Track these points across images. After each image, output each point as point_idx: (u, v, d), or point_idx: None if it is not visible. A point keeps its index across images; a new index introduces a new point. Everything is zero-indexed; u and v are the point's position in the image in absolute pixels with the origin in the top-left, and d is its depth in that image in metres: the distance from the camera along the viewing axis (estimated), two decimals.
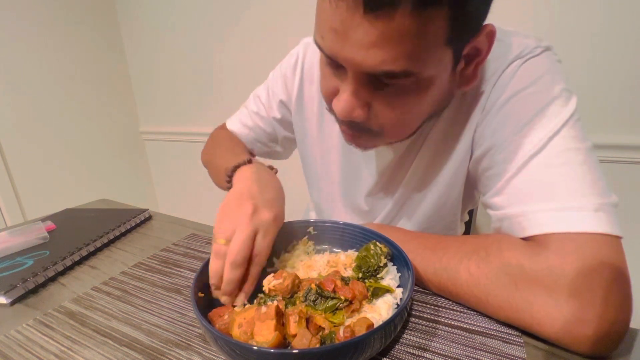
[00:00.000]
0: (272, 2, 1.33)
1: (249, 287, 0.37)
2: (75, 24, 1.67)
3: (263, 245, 0.37)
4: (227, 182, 0.47)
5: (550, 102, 0.38)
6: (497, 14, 0.36)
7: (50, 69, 1.60)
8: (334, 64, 0.37)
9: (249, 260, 0.36)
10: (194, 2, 1.53)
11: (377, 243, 0.40)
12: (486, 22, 0.35)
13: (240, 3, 1.41)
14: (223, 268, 0.36)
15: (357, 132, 0.42)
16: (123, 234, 0.62)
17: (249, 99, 0.69)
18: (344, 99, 0.37)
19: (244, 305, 0.36)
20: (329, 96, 0.41)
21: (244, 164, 0.47)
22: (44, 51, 1.57)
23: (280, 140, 0.68)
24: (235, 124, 0.69)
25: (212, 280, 0.36)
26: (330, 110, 0.43)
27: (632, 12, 0.83)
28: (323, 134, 0.60)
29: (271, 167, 0.49)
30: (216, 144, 0.68)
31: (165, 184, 2.13)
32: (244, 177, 0.44)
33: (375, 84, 0.36)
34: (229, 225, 0.37)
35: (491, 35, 0.36)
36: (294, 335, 0.30)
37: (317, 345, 0.29)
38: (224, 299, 0.36)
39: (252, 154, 0.68)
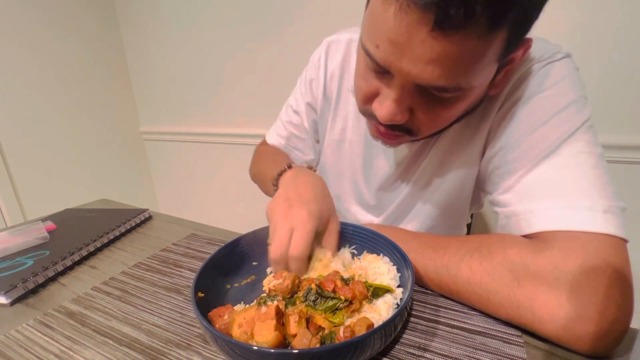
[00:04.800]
0: (272, 2, 1.33)
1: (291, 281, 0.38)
2: (75, 23, 1.67)
3: (296, 240, 0.38)
4: (274, 191, 0.48)
5: (567, 106, 0.39)
6: None
7: (50, 69, 1.60)
8: (379, 70, 0.37)
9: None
10: (193, 2, 1.53)
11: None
12: None
13: (240, 3, 1.41)
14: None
15: (392, 131, 0.42)
16: (123, 234, 0.62)
17: (282, 109, 0.71)
18: (388, 105, 0.37)
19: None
20: (367, 96, 0.41)
21: (285, 170, 0.48)
22: (44, 51, 1.57)
23: (312, 144, 0.69)
24: (273, 137, 0.72)
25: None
26: (364, 110, 0.44)
27: (632, 12, 0.83)
28: (335, 128, 0.61)
29: (310, 167, 0.51)
30: (260, 159, 0.71)
31: (165, 184, 2.13)
32: (284, 183, 0.46)
33: (420, 92, 0.36)
34: (271, 229, 0.40)
35: (528, 47, 0.37)
36: (294, 335, 0.30)
37: (317, 345, 0.29)
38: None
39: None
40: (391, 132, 0.42)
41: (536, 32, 0.39)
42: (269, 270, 0.44)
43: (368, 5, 0.36)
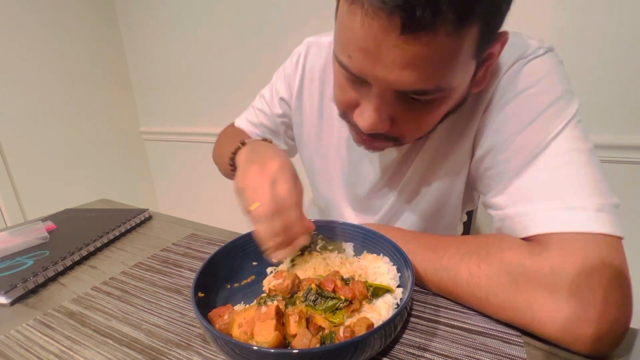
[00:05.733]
0: (272, 2, 1.33)
1: (296, 232, 0.38)
2: (75, 24, 1.67)
3: (284, 189, 0.37)
4: (231, 170, 0.48)
5: (553, 102, 0.38)
6: None
7: (50, 69, 1.60)
8: (357, 80, 0.36)
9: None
10: (194, 2, 1.53)
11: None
12: None
13: (240, 3, 1.41)
14: (266, 229, 0.36)
15: (375, 138, 0.42)
16: (123, 234, 0.62)
17: (256, 98, 0.71)
18: (369, 116, 0.37)
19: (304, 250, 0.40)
20: (347, 107, 0.41)
21: (239, 147, 0.48)
22: (44, 51, 1.57)
23: (284, 139, 0.69)
24: (242, 122, 0.71)
25: (265, 244, 0.37)
26: (345, 117, 0.44)
27: (632, 12, 0.83)
28: (321, 132, 0.61)
29: (265, 139, 0.50)
30: (222, 140, 0.70)
31: (165, 184, 2.13)
32: (242, 158, 0.45)
33: (400, 98, 0.36)
34: (249, 193, 0.38)
35: (505, 41, 0.36)
36: (294, 335, 0.30)
37: (317, 345, 0.29)
38: (282, 253, 0.38)
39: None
40: (374, 140, 0.42)
41: (535, 32, 0.39)
42: (269, 270, 0.44)
43: (336, 15, 0.36)
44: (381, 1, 0.28)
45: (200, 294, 0.35)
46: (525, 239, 0.36)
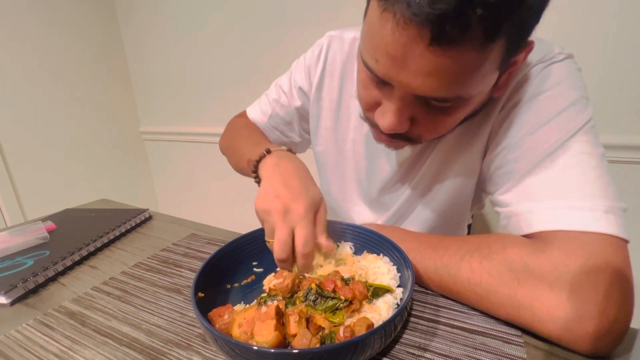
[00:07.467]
0: (274, 3, 1.33)
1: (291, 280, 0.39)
2: (75, 23, 1.67)
3: (300, 238, 0.37)
4: (253, 174, 0.48)
5: (568, 106, 0.39)
6: None
7: (51, 69, 1.60)
8: (380, 81, 0.37)
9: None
10: (194, 2, 1.53)
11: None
12: None
13: (240, 3, 1.41)
14: (280, 265, 0.39)
15: (394, 138, 0.42)
16: (123, 234, 0.62)
17: (271, 87, 0.69)
18: (390, 117, 0.38)
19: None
20: (369, 105, 0.42)
21: (264, 155, 0.47)
22: (44, 51, 1.57)
23: (298, 130, 0.68)
24: (255, 112, 0.70)
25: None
26: (366, 116, 0.44)
27: (632, 11, 0.83)
28: (338, 127, 0.61)
29: (290, 150, 0.49)
30: (235, 132, 0.69)
31: (165, 184, 2.13)
32: (267, 172, 0.45)
33: (421, 102, 0.37)
34: (268, 225, 0.39)
35: (530, 50, 0.37)
36: (294, 335, 0.30)
37: (317, 345, 0.29)
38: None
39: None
40: (394, 139, 0.43)
41: (537, 32, 0.39)
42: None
43: (366, 17, 0.36)
44: (413, 13, 0.28)
45: (200, 294, 0.35)
46: (529, 235, 0.36)
